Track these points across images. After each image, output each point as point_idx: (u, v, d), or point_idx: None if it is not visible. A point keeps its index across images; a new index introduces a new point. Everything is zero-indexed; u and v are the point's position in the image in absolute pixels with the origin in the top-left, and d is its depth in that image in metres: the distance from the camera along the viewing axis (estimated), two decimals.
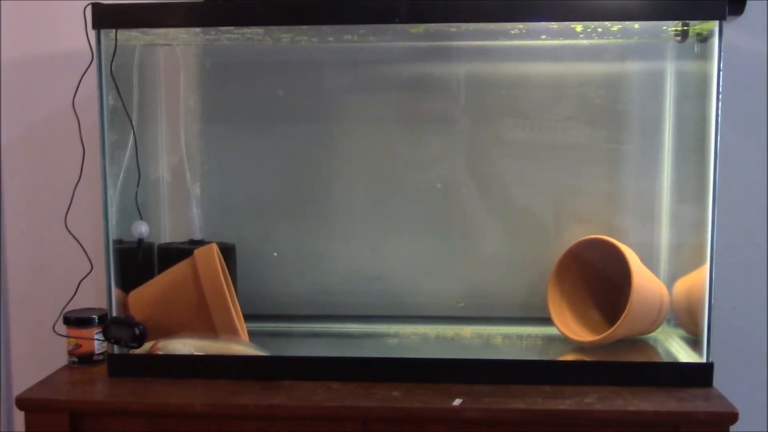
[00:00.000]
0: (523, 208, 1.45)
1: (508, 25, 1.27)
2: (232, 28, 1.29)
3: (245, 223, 1.49)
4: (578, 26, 1.27)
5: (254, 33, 1.34)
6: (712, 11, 1.16)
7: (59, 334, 1.31)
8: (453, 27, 1.28)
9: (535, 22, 1.21)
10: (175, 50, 1.45)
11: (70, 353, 1.32)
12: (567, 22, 1.22)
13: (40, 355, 1.52)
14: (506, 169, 1.45)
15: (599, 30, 1.30)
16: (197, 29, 1.31)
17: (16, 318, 1.55)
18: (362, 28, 1.31)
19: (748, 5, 1.40)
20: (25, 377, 1.48)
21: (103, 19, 1.21)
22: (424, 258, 1.47)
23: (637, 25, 1.25)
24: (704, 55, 1.22)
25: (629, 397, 1.14)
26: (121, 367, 1.25)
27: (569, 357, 1.30)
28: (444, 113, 1.45)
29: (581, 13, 1.17)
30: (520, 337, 1.40)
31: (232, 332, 1.25)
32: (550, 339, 1.38)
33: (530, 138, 1.44)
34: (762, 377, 1.47)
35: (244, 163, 1.48)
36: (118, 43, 1.26)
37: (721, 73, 1.16)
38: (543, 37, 1.38)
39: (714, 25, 1.17)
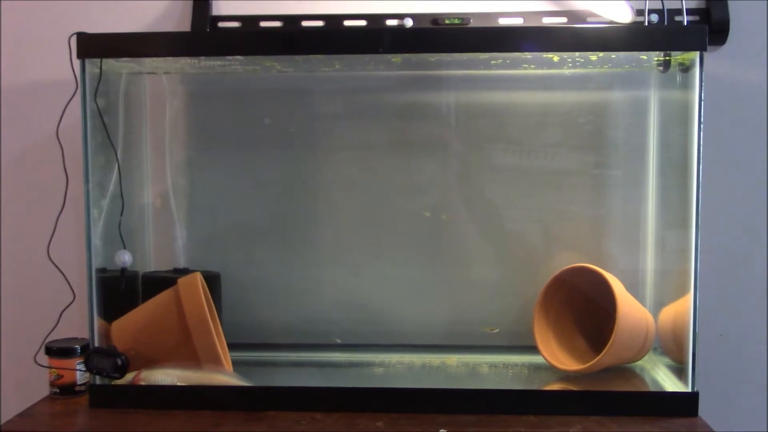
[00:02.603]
0: (508, 234, 1.45)
1: (485, 56, 1.27)
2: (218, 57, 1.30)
3: (231, 250, 1.48)
4: (555, 56, 1.28)
5: (240, 61, 1.35)
6: (692, 43, 1.17)
7: (40, 365, 1.30)
8: (432, 57, 1.29)
9: (517, 52, 1.22)
10: (161, 77, 1.45)
11: (52, 384, 1.30)
12: (546, 53, 1.23)
13: (21, 386, 1.50)
14: (491, 196, 1.45)
15: (581, 60, 1.31)
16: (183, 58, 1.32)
17: None
18: (346, 58, 1.32)
19: (731, 35, 1.41)
20: (6, 408, 1.46)
21: (88, 48, 1.21)
22: (410, 285, 1.47)
23: (614, 55, 1.26)
24: (686, 84, 1.22)
25: (614, 428, 1.13)
26: (103, 398, 1.24)
27: (554, 386, 1.29)
28: (428, 140, 1.45)
29: (563, 44, 1.18)
30: (506, 365, 1.40)
31: (215, 362, 1.24)
32: (536, 367, 1.37)
33: (515, 165, 1.44)
34: (747, 405, 1.47)
35: (229, 190, 1.48)
36: (103, 72, 1.26)
37: (702, 102, 1.17)
38: (531, 66, 1.39)
39: (695, 55, 1.18)
